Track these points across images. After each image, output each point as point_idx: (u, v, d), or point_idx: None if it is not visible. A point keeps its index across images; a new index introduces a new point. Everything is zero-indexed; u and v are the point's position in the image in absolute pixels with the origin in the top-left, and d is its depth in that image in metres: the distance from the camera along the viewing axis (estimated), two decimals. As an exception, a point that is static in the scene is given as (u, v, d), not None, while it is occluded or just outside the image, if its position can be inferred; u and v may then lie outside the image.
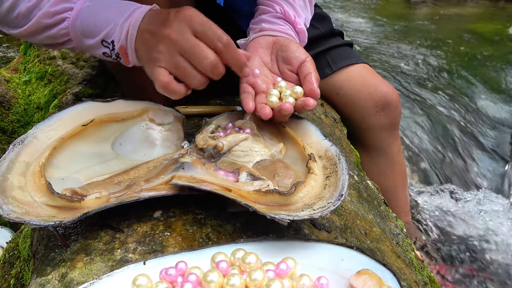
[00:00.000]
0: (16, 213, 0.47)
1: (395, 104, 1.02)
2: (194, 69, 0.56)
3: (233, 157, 0.61)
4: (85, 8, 0.60)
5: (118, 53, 0.60)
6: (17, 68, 1.25)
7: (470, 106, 1.94)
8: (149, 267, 0.45)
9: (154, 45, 0.57)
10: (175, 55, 0.56)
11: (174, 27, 0.56)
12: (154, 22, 0.58)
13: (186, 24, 0.56)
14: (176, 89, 0.56)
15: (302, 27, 0.78)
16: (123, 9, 0.60)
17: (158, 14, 0.59)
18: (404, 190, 1.14)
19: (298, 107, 0.65)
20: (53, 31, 0.61)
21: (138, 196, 0.51)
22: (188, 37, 0.55)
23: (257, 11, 0.80)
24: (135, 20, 0.58)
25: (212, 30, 0.56)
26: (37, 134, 0.59)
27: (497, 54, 2.53)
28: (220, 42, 0.56)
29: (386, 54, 2.53)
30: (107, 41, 0.60)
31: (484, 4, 4.14)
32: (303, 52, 0.70)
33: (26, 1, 0.60)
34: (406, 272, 0.61)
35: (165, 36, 0.56)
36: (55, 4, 0.60)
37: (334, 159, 0.59)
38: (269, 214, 0.47)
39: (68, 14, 0.60)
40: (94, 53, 0.63)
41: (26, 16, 0.61)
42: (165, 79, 0.56)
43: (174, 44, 0.55)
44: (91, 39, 0.61)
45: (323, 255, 0.47)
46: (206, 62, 0.55)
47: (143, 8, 0.60)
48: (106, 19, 0.59)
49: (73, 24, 0.60)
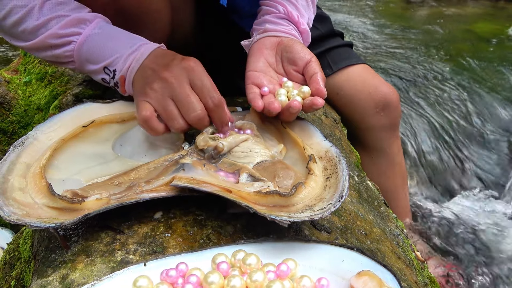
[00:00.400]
0: (17, 215, 0.47)
1: (395, 104, 1.02)
2: (180, 115, 0.58)
3: (233, 158, 0.61)
4: (93, 35, 0.62)
5: (117, 82, 0.63)
6: (18, 69, 1.25)
7: (470, 107, 1.94)
8: (149, 269, 0.45)
9: (150, 82, 0.59)
10: (166, 97, 0.58)
11: (174, 72, 0.58)
12: (158, 62, 0.60)
13: (186, 73, 0.58)
14: (156, 127, 0.58)
15: (305, 27, 0.78)
16: (131, 42, 0.62)
17: (163, 55, 0.61)
18: (404, 190, 1.14)
19: (305, 106, 0.65)
20: (57, 51, 0.63)
21: (138, 198, 0.51)
22: (184, 85, 0.58)
23: (260, 12, 0.80)
24: (141, 55, 0.61)
25: (208, 88, 0.58)
26: (37, 135, 0.59)
27: (497, 54, 2.53)
28: (212, 101, 0.58)
29: (386, 55, 2.53)
30: (109, 69, 0.62)
31: (484, 4, 4.14)
32: (308, 52, 0.70)
33: (34, 19, 0.61)
34: (406, 272, 0.61)
35: (163, 77, 0.58)
36: (64, 27, 0.61)
37: (334, 160, 0.59)
38: (269, 216, 0.47)
39: (75, 38, 0.62)
40: (93, 77, 0.65)
41: (31, 33, 0.62)
42: (148, 114, 0.58)
43: (169, 87, 0.58)
44: (94, 65, 0.63)
45: (324, 256, 0.47)
46: (193, 114, 0.58)
47: (150, 45, 0.62)
48: (113, 48, 0.62)
49: (79, 49, 0.62)
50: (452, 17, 3.59)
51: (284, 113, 0.65)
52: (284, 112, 0.65)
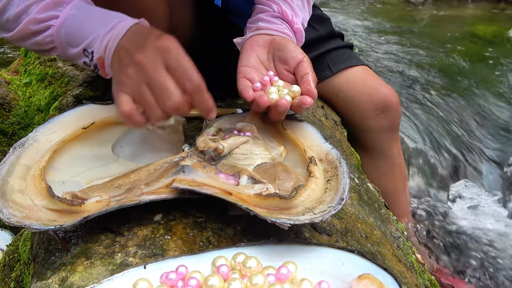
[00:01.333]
0: (17, 217, 0.47)
1: (395, 106, 1.02)
2: (156, 104, 0.54)
3: (233, 160, 0.61)
4: (70, 17, 0.59)
5: (96, 64, 0.59)
6: (18, 70, 1.25)
7: (471, 108, 1.94)
8: (149, 271, 0.45)
9: (125, 66, 0.55)
10: (141, 84, 0.53)
11: (148, 54, 0.53)
12: (133, 41, 0.56)
13: (161, 55, 0.53)
14: (137, 119, 0.54)
15: (299, 26, 0.78)
16: (108, 20, 0.59)
17: (139, 32, 0.57)
18: (404, 192, 1.14)
19: (295, 106, 0.65)
20: (39, 38, 0.60)
21: (138, 200, 0.51)
22: (159, 70, 0.53)
23: (255, 10, 0.80)
24: (117, 33, 0.57)
25: (185, 68, 0.53)
26: (37, 137, 0.59)
27: (497, 56, 2.53)
28: (190, 83, 0.53)
29: (386, 56, 2.53)
30: (87, 51, 0.59)
31: (485, 6, 4.14)
32: (300, 52, 0.70)
33: (15, 6, 0.59)
34: (407, 275, 0.60)
35: (137, 61, 0.54)
36: (41, 11, 0.59)
37: (335, 162, 0.59)
38: (270, 218, 0.47)
39: (53, 22, 0.59)
40: (77, 61, 0.62)
41: (14, 21, 0.60)
42: (127, 108, 0.53)
43: (143, 72, 0.53)
44: (74, 48, 0.60)
45: (324, 259, 0.47)
46: (168, 103, 0.53)
47: (127, 22, 0.58)
48: (90, 29, 0.58)
49: (58, 32, 0.59)
50: (452, 19, 3.59)
51: (272, 111, 0.64)
52: (272, 110, 0.64)
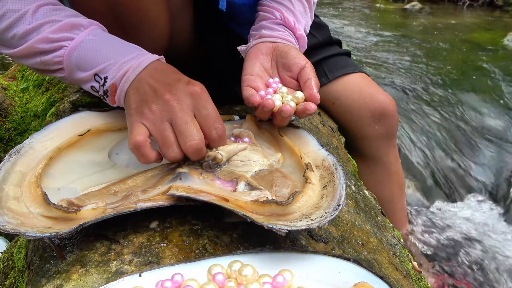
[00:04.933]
0: (12, 224, 0.47)
1: (392, 113, 1.02)
2: (176, 143, 0.54)
3: (231, 167, 0.61)
4: (86, 41, 0.58)
5: (107, 90, 0.58)
6: (15, 75, 1.25)
7: (467, 116, 1.95)
8: (145, 279, 0.44)
9: (149, 101, 0.55)
10: (164, 120, 0.54)
11: (178, 96, 0.54)
12: (159, 79, 0.56)
13: (191, 99, 0.55)
14: (148, 154, 0.54)
15: (301, 33, 0.79)
16: (127, 51, 0.59)
17: (164, 71, 0.58)
18: (401, 200, 1.14)
19: (299, 111, 0.66)
20: (47, 57, 0.59)
21: (135, 207, 0.50)
22: (187, 111, 0.54)
23: (258, 18, 0.81)
24: (138, 64, 0.57)
25: (213, 117, 0.55)
26: (33, 144, 0.59)
27: (493, 63, 2.55)
28: (217, 132, 0.56)
29: (383, 63, 2.54)
30: (99, 76, 0.58)
31: (480, 14, 4.18)
32: (302, 58, 0.71)
33: (26, 23, 0.58)
34: (403, 283, 0.60)
35: (165, 99, 0.54)
36: (56, 31, 0.58)
37: (331, 169, 0.59)
38: (266, 225, 0.47)
39: (67, 43, 0.58)
40: (82, 85, 0.61)
41: (22, 38, 0.59)
42: (141, 139, 0.53)
43: (169, 110, 0.54)
44: (83, 72, 0.59)
45: (320, 267, 0.47)
46: (190, 143, 0.54)
47: (149, 56, 0.58)
48: (106, 55, 0.58)
49: (69, 54, 0.59)
50: (448, 26, 3.62)
51: (276, 117, 0.65)
52: (276, 116, 0.65)
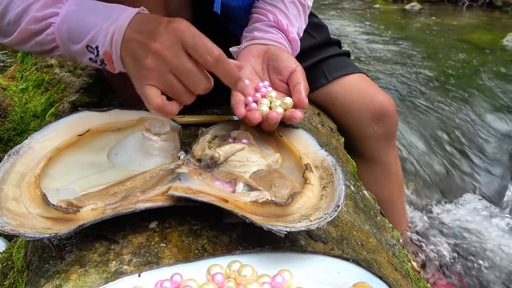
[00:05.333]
0: (11, 225, 0.47)
1: (391, 114, 1.02)
2: (185, 88, 0.55)
3: (230, 167, 0.61)
4: (70, 12, 0.58)
5: (103, 59, 0.58)
6: (14, 76, 1.25)
7: (466, 116, 1.95)
8: (144, 279, 0.44)
9: (142, 59, 0.54)
10: (166, 73, 0.54)
11: (164, 41, 0.53)
12: (142, 30, 0.55)
13: (177, 37, 0.53)
14: (170, 110, 0.55)
15: (294, 36, 0.79)
16: (109, 13, 0.57)
17: (146, 21, 0.56)
18: (400, 200, 1.14)
19: (286, 118, 0.66)
20: (40, 37, 0.59)
21: (134, 208, 0.50)
22: (181, 56, 0.53)
23: (251, 19, 0.81)
24: (121, 24, 0.55)
25: (203, 44, 0.53)
26: (32, 144, 0.59)
27: (492, 64, 2.55)
28: (211, 56, 0.53)
29: (382, 64, 2.54)
30: (91, 46, 0.57)
31: (480, 15, 4.19)
32: (293, 61, 0.70)
33: (15, 7, 0.58)
34: (402, 283, 0.60)
35: (154, 50, 0.53)
36: (41, 9, 0.58)
37: (330, 169, 0.59)
38: (266, 226, 0.47)
39: (53, 19, 0.58)
40: (81, 59, 0.61)
41: (15, 23, 0.59)
42: (158, 101, 0.54)
43: (164, 61, 0.53)
44: (76, 45, 0.58)
45: (319, 267, 0.47)
46: (199, 86, 0.55)
47: (129, 12, 0.57)
48: (91, 23, 0.57)
49: (59, 30, 0.58)
50: (447, 27, 3.63)
51: (263, 123, 0.65)
52: (263, 122, 0.65)
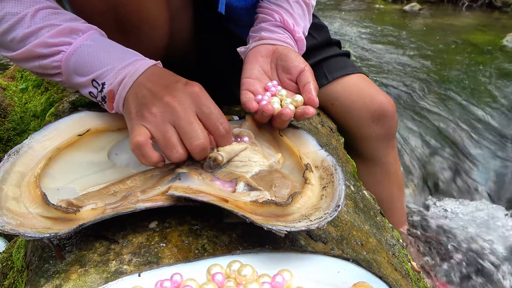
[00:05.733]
0: (11, 225, 0.47)
1: (391, 114, 1.02)
2: (180, 144, 0.54)
3: (231, 168, 0.61)
4: (84, 46, 0.58)
5: (105, 96, 0.58)
6: (14, 75, 1.25)
7: (466, 116, 1.96)
8: (144, 279, 0.44)
9: (148, 104, 0.54)
10: (166, 122, 0.54)
11: (178, 97, 0.54)
12: (157, 83, 0.56)
13: (191, 99, 0.54)
14: (149, 154, 0.53)
15: (300, 35, 0.79)
16: (124, 56, 0.59)
17: (162, 75, 0.57)
18: (400, 200, 1.14)
19: (297, 115, 0.66)
20: (45, 61, 0.59)
21: (134, 207, 0.50)
22: (189, 112, 0.54)
23: (257, 19, 0.81)
24: (135, 70, 0.57)
25: (216, 114, 0.55)
26: (32, 144, 0.59)
27: (492, 64, 2.55)
28: (223, 127, 0.56)
29: (382, 64, 2.54)
30: (97, 82, 0.58)
31: (480, 15, 4.19)
32: (302, 61, 0.71)
33: (25, 27, 0.58)
34: (402, 283, 0.60)
35: (165, 102, 0.54)
36: (54, 36, 0.58)
37: (330, 169, 0.59)
38: (266, 226, 0.47)
39: (65, 48, 0.59)
40: (80, 90, 0.61)
41: (20, 42, 0.59)
42: (142, 139, 0.53)
43: (171, 112, 0.53)
44: (81, 77, 0.59)
45: (319, 267, 0.47)
46: (196, 143, 0.54)
47: (146, 62, 0.58)
48: (103, 61, 0.58)
49: (67, 59, 0.59)
50: (447, 27, 3.63)
51: (276, 120, 0.66)
52: (276, 119, 0.65)
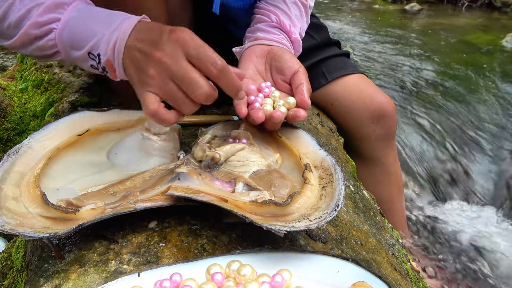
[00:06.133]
0: (11, 225, 0.47)
1: (391, 114, 1.02)
2: (186, 97, 0.54)
3: (229, 167, 0.61)
4: (72, 19, 0.57)
5: (105, 66, 0.58)
6: (14, 76, 1.25)
7: (466, 116, 1.96)
8: (143, 279, 0.44)
9: (144, 67, 0.54)
10: (166, 81, 0.53)
11: (167, 50, 0.53)
12: (145, 39, 0.54)
13: (179, 47, 0.53)
14: (166, 117, 0.54)
15: (297, 36, 0.79)
16: (111, 20, 0.57)
17: (149, 30, 0.56)
18: (400, 200, 1.14)
19: (289, 117, 0.66)
20: (41, 42, 0.59)
21: (133, 207, 0.50)
22: (181, 63, 0.52)
23: (253, 20, 0.81)
24: (123, 32, 0.55)
25: (206, 55, 0.53)
26: (32, 144, 0.59)
27: (492, 64, 2.55)
28: (215, 67, 0.53)
29: (381, 64, 2.54)
30: (93, 54, 0.57)
31: (479, 15, 4.19)
32: (296, 62, 0.71)
33: (16, 11, 0.58)
34: (401, 283, 0.60)
35: (157, 59, 0.53)
36: (42, 13, 0.57)
37: (330, 169, 0.59)
38: (265, 225, 0.47)
39: (55, 25, 0.58)
40: (82, 65, 0.60)
41: (16, 26, 0.58)
42: (154, 107, 0.53)
43: (166, 69, 0.53)
44: (78, 51, 0.58)
45: (319, 267, 0.47)
46: (199, 92, 0.53)
47: (131, 20, 0.57)
48: (93, 30, 0.57)
49: (60, 36, 0.58)
50: (447, 27, 3.63)
51: (267, 123, 0.66)
52: (267, 121, 0.65)
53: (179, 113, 0.55)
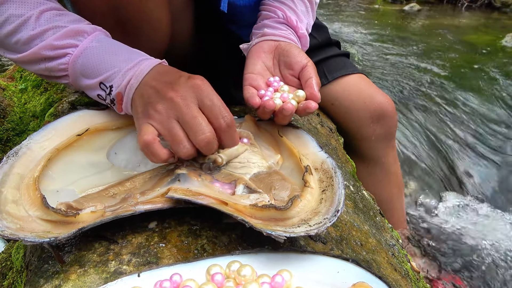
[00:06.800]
0: (11, 229, 0.46)
1: (391, 114, 1.03)
2: (186, 139, 0.54)
3: (230, 169, 0.61)
4: (90, 48, 0.58)
5: (114, 99, 0.59)
6: (13, 76, 1.25)
7: (465, 116, 1.96)
8: (143, 279, 0.44)
9: (153, 102, 0.54)
10: (171, 119, 0.53)
11: (180, 92, 0.54)
12: (161, 80, 0.56)
13: (194, 93, 0.54)
14: (158, 152, 0.54)
15: (303, 32, 0.80)
16: (130, 57, 0.58)
17: (167, 72, 0.57)
18: (400, 200, 1.14)
19: (300, 110, 0.66)
20: (51, 64, 0.59)
21: (133, 210, 0.50)
22: (192, 106, 0.53)
23: (260, 16, 0.82)
24: (140, 71, 0.57)
25: (219, 107, 0.54)
26: (31, 145, 0.58)
27: (492, 65, 2.55)
28: (225, 121, 0.54)
29: (382, 64, 2.54)
30: (105, 85, 0.58)
31: (479, 15, 4.19)
32: (304, 57, 0.71)
33: (30, 29, 0.57)
34: (402, 283, 0.60)
35: (168, 97, 0.54)
36: (60, 38, 0.58)
37: (330, 172, 0.59)
38: (265, 231, 0.47)
39: (71, 50, 0.58)
40: (88, 93, 0.61)
41: (26, 44, 0.58)
42: (149, 138, 0.53)
43: (174, 108, 0.53)
44: (89, 79, 0.59)
45: (319, 268, 0.47)
46: (201, 137, 0.53)
47: (151, 61, 0.58)
48: (110, 63, 0.58)
49: (74, 62, 0.59)
50: (446, 28, 3.63)
51: (277, 115, 0.66)
52: (277, 114, 0.66)
53: (171, 154, 0.55)
